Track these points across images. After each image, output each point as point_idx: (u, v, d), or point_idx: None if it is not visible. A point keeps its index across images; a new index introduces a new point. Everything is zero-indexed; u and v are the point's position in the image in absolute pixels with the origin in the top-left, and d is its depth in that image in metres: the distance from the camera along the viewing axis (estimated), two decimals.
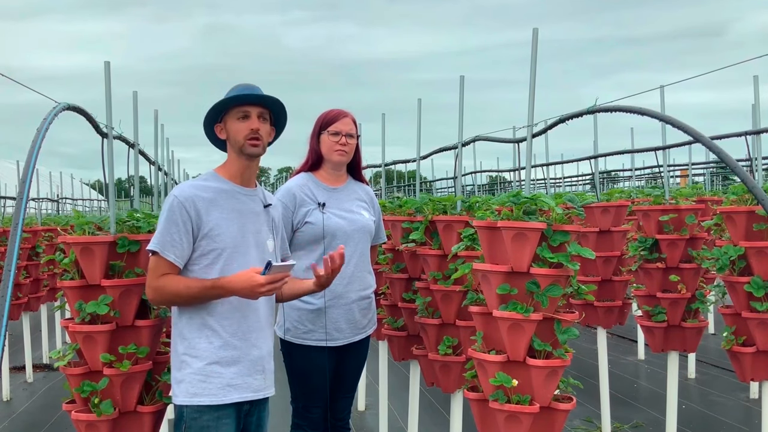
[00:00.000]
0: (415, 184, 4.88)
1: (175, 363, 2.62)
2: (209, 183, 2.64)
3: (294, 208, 3.33)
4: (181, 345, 2.60)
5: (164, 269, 2.53)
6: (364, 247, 3.42)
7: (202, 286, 2.51)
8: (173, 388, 2.63)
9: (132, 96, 3.82)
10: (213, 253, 2.57)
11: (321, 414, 3.40)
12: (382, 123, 5.31)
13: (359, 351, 3.48)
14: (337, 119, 3.39)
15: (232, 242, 2.59)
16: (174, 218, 2.53)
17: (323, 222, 3.30)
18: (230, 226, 2.59)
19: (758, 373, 3.92)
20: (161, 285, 2.53)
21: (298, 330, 3.32)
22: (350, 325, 3.37)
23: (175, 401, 2.62)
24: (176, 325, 2.63)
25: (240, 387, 2.59)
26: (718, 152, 2.69)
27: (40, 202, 11.46)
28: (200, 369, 2.55)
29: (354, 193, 3.49)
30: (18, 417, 6.11)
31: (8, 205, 9.49)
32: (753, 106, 4.81)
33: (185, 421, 2.57)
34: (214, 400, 2.55)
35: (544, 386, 2.73)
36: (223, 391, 2.56)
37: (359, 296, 3.39)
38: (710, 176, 14.17)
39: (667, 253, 4.48)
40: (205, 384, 2.55)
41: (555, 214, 2.78)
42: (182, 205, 2.53)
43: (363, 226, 3.41)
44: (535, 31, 2.96)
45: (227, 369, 2.57)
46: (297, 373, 3.38)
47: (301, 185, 3.39)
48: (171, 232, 2.52)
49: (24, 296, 6.88)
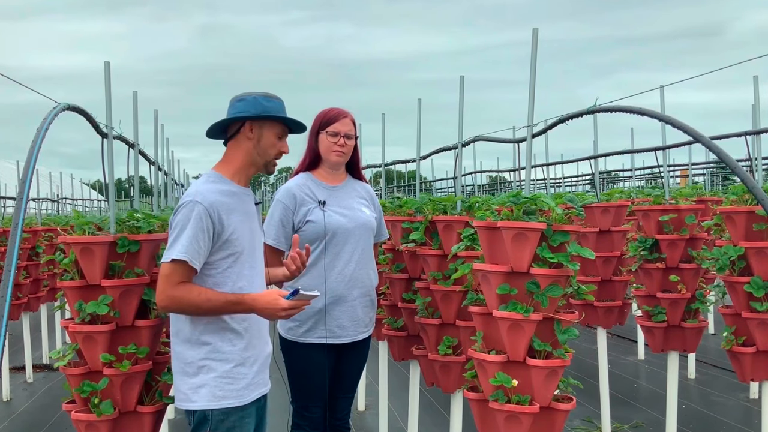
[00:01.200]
0: (415, 184, 4.88)
1: (189, 369, 2.57)
2: (222, 186, 2.61)
3: (294, 207, 3.34)
4: (198, 351, 2.56)
5: (181, 277, 2.47)
6: (366, 243, 3.42)
7: (225, 300, 2.50)
8: (185, 395, 2.58)
9: (131, 96, 3.82)
10: (232, 257, 2.58)
11: (321, 413, 3.40)
12: (382, 123, 5.31)
13: (360, 350, 3.49)
14: (337, 119, 3.39)
15: (247, 245, 2.62)
16: (201, 226, 2.48)
17: (324, 220, 3.30)
18: (244, 229, 2.62)
19: (758, 373, 3.92)
20: (179, 295, 2.46)
21: (299, 329, 3.33)
22: (353, 323, 3.38)
23: (192, 407, 2.57)
24: (187, 331, 2.58)
25: (257, 384, 2.65)
26: (718, 152, 2.69)
27: (40, 202, 11.46)
28: (227, 372, 2.56)
29: (354, 190, 3.49)
30: (18, 417, 6.11)
31: (8, 205, 9.49)
32: (753, 106, 4.81)
33: (210, 424, 2.55)
34: (241, 400, 2.58)
35: (544, 386, 2.73)
36: (247, 390, 2.60)
37: (362, 293, 3.39)
38: (710, 176, 14.17)
39: (667, 253, 4.48)
40: (232, 386, 2.57)
41: (555, 214, 2.78)
42: (207, 212, 2.50)
43: (364, 222, 3.41)
44: (535, 32, 2.96)
45: (251, 369, 2.61)
46: (297, 372, 3.39)
47: (300, 185, 3.40)
48: (198, 239, 2.48)
49: (24, 296, 6.88)
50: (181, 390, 2.61)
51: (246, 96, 2.64)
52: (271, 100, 2.64)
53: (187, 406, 2.59)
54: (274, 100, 2.65)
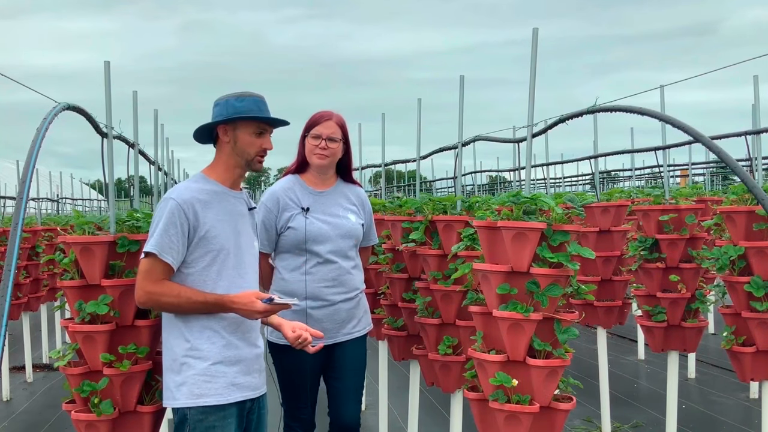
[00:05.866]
0: (415, 184, 4.88)
1: (173, 366, 2.62)
2: (202, 185, 2.66)
3: (277, 212, 3.35)
4: (181, 348, 2.60)
5: (160, 273, 2.54)
6: (349, 250, 3.43)
7: (204, 301, 2.54)
8: (171, 392, 2.62)
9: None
10: (209, 255, 2.60)
11: (310, 414, 3.43)
12: (382, 123, 5.31)
13: (353, 351, 3.46)
14: (319, 122, 3.37)
15: (227, 244, 2.62)
16: (173, 221, 2.54)
17: (305, 227, 3.30)
18: (225, 227, 2.63)
19: (758, 373, 3.92)
20: (158, 291, 2.53)
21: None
22: (336, 326, 3.38)
23: (173, 404, 2.60)
24: (173, 328, 2.63)
25: (242, 386, 2.63)
26: (718, 152, 2.69)
27: (40, 202, 11.46)
28: (205, 369, 2.57)
29: (342, 196, 3.47)
30: (18, 417, 6.11)
31: (8, 205, 9.49)
32: (753, 106, 4.81)
33: (189, 423, 2.56)
34: (219, 399, 2.57)
35: (544, 386, 2.73)
36: (228, 390, 2.59)
37: (344, 298, 3.40)
38: (710, 176, 14.17)
39: (667, 253, 4.48)
40: (210, 384, 2.57)
41: (555, 214, 2.78)
42: (181, 208, 2.55)
43: (348, 230, 3.41)
44: (535, 31, 2.96)
45: (231, 368, 2.60)
46: (284, 373, 3.41)
47: (286, 189, 3.39)
48: (170, 234, 2.53)
49: (24, 296, 6.88)
50: (167, 387, 2.64)
51: (221, 100, 2.67)
52: (243, 99, 2.64)
53: (171, 403, 2.62)
54: (245, 99, 2.64)
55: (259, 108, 2.66)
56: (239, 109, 2.64)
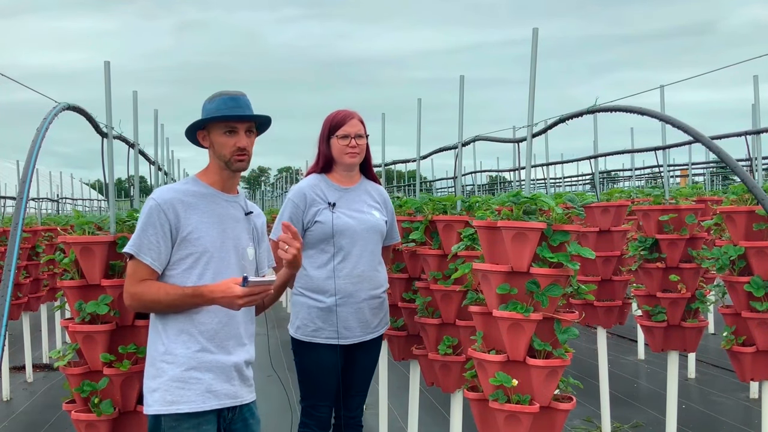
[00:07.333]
0: (415, 184, 4.88)
1: (149, 371, 2.54)
2: (189, 187, 2.60)
3: (305, 207, 3.37)
4: (157, 351, 2.53)
5: (142, 274, 2.49)
6: (375, 246, 3.45)
7: (182, 293, 2.46)
8: (146, 398, 2.54)
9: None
10: (191, 257, 2.53)
11: (328, 413, 3.44)
12: (382, 123, 5.31)
13: (370, 350, 3.52)
14: (345, 122, 3.41)
15: (211, 246, 2.55)
16: (152, 221, 2.49)
17: (332, 221, 3.32)
18: (210, 230, 2.55)
19: (758, 373, 3.92)
20: (140, 291, 2.48)
21: (308, 328, 3.35)
22: (360, 324, 3.40)
23: (147, 411, 2.52)
24: (153, 331, 2.56)
25: (219, 393, 2.52)
26: (718, 152, 2.69)
27: (40, 202, 11.46)
28: (177, 375, 2.48)
29: (366, 193, 3.51)
30: (18, 417, 6.11)
31: (8, 205, 9.50)
32: (753, 106, 4.81)
33: (162, 431, 2.48)
34: (193, 407, 2.47)
35: (544, 386, 2.73)
36: (203, 397, 2.49)
37: (369, 295, 3.41)
38: (710, 176, 14.18)
39: (667, 252, 4.48)
40: (183, 391, 2.48)
41: (555, 214, 2.78)
42: (161, 208, 2.49)
43: (373, 225, 3.43)
44: (535, 31, 2.96)
45: (206, 374, 2.50)
46: (306, 371, 3.42)
47: (312, 185, 3.42)
48: (148, 234, 2.48)
49: (24, 296, 6.88)
50: (144, 393, 2.56)
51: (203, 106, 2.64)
52: (213, 100, 2.60)
53: (145, 410, 2.54)
54: (215, 100, 2.60)
55: (228, 106, 2.57)
56: (209, 110, 2.59)
